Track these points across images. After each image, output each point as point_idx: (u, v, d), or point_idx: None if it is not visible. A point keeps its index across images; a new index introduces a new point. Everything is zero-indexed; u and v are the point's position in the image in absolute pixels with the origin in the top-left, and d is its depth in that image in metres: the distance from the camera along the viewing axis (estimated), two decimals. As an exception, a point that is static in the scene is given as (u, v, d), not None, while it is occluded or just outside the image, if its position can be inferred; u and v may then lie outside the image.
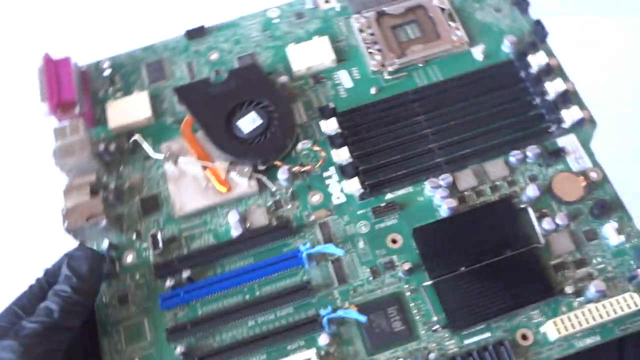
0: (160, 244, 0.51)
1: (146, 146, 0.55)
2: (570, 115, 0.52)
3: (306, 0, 0.61)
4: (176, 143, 0.56)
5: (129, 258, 0.52)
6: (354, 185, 0.51)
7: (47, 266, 0.49)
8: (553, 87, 0.53)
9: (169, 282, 0.50)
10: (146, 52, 0.61)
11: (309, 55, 0.58)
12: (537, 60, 0.54)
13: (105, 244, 0.52)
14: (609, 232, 0.49)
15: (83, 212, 0.50)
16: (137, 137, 0.55)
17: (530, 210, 0.50)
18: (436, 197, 0.51)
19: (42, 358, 0.43)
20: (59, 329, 0.45)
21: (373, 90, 0.56)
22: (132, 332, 0.49)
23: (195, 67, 0.60)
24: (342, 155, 0.52)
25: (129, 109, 0.57)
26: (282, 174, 0.53)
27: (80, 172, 0.54)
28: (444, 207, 0.50)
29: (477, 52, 0.57)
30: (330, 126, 0.53)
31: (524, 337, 0.47)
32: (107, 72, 0.60)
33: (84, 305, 0.47)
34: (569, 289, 0.47)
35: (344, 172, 0.52)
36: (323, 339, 0.47)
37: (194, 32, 0.61)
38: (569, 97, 0.53)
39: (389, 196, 0.52)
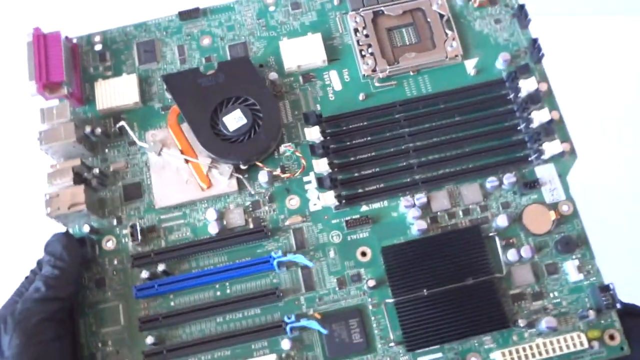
0: (139, 236, 0.53)
1: (132, 133, 0.56)
2: (550, 147, 0.52)
3: (304, -11, 0.60)
4: (161, 132, 0.56)
5: (109, 243, 0.54)
6: (329, 199, 0.52)
7: (39, 257, 0.52)
8: (538, 117, 0.53)
9: (144, 274, 0.52)
10: (138, 29, 0.60)
11: (301, 53, 0.57)
12: (527, 86, 0.53)
13: (86, 228, 0.53)
14: (570, 268, 0.51)
15: (65, 200, 0.52)
16: (123, 124, 0.56)
17: (497, 240, 0.52)
18: (409, 215, 0.53)
19: (36, 327, 0.47)
20: (46, 301, 0.48)
21: (361, 97, 0.56)
22: (107, 315, 0.52)
23: (186, 51, 0.59)
24: (321, 166, 0.53)
25: (118, 92, 0.57)
26: (263, 177, 0.54)
27: (65, 155, 0.55)
28: (415, 228, 0.52)
29: (470, 66, 0.57)
30: (313, 134, 0.54)
31: (474, 361, 0.50)
32: (98, 47, 0.60)
33: (66, 277, 0.50)
34: (521, 322, 0.49)
35: (322, 184, 0.53)
36: (285, 344, 0.50)
37: (187, 13, 0.60)
38: (552, 129, 0.53)
39: (364, 208, 0.54)
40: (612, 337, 0.49)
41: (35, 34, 0.56)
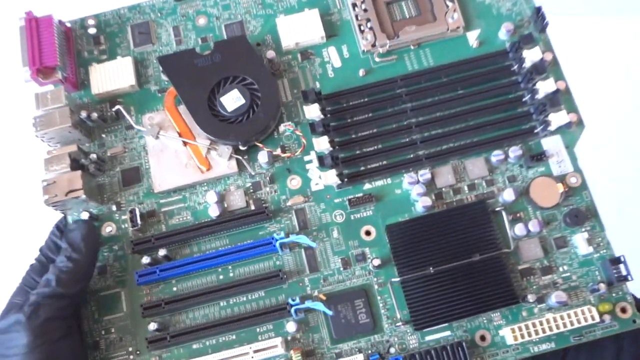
0: (139, 221, 0.52)
1: (129, 117, 0.55)
2: (557, 118, 0.51)
3: (301, -36, 0.58)
4: (159, 115, 0.55)
5: (108, 229, 0.53)
6: (331, 178, 0.51)
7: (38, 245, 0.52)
8: (544, 87, 0.51)
9: (145, 260, 0.51)
10: (132, 11, 0.59)
11: (299, 30, 0.56)
12: (531, 56, 0.52)
13: (84, 215, 0.53)
14: (579, 241, 0.50)
15: (63, 186, 0.51)
16: (119, 107, 0.55)
17: (504, 214, 0.50)
18: (413, 192, 0.51)
19: (44, 326, 0.46)
20: (56, 297, 0.47)
21: (361, 72, 0.55)
22: (109, 303, 0.52)
23: (182, 32, 0.58)
24: (322, 144, 0.52)
25: (113, 75, 0.56)
26: (263, 158, 0.53)
27: (61, 141, 0.54)
28: (419, 205, 0.51)
29: (472, 38, 0.55)
30: (312, 112, 0.53)
31: (483, 338, 0.49)
32: (92, 31, 0.59)
33: (80, 272, 0.49)
34: (531, 298, 0.48)
35: (323, 162, 0.52)
36: (290, 326, 0.49)
37: (182, -6, 0.59)
38: (558, 99, 0.51)
39: (367, 186, 0.53)
40: (624, 310, 0.48)
41: (27, 17, 0.55)
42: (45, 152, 0.53)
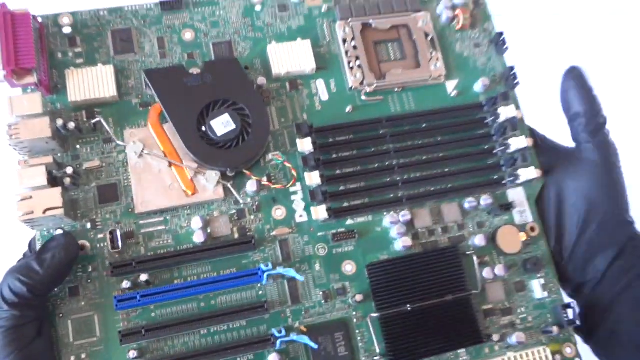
0: (119, 243, 0.50)
1: (111, 132, 0.52)
2: (526, 173, 0.56)
3: (292, -8, 0.59)
4: (141, 131, 0.53)
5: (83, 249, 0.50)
6: (321, 213, 0.52)
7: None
8: (516, 143, 0.56)
9: (125, 284, 0.49)
10: (113, 15, 0.56)
11: (290, 59, 0.56)
12: (506, 113, 0.57)
13: (58, 232, 0.50)
14: (536, 286, 0.55)
15: (40, 203, 0.47)
16: (100, 119, 0.52)
17: (474, 258, 0.55)
18: (393, 231, 0.54)
19: (17, 331, 0.46)
20: (28, 306, 0.47)
21: (349, 109, 0.57)
22: (82, 326, 0.49)
23: (167, 44, 0.56)
24: (314, 179, 0.53)
25: (93, 83, 0.53)
26: (252, 187, 0.53)
27: (34, 151, 0.50)
28: (400, 244, 0.54)
29: (451, 87, 0.59)
30: (305, 146, 0.53)
31: (449, 373, 0.53)
32: (66, 30, 0.55)
33: (53, 278, 0.48)
34: (495, 337, 0.53)
35: (314, 196, 0.53)
36: (273, 358, 0.50)
37: (169, 4, 0.56)
38: (526, 156, 0.56)
39: (349, 222, 0.55)
40: (569, 350, 0.55)
41: (2, 11, 0.50)
42: (14, 159, 0.49)
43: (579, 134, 0.55)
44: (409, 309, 0.52)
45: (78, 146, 0.52)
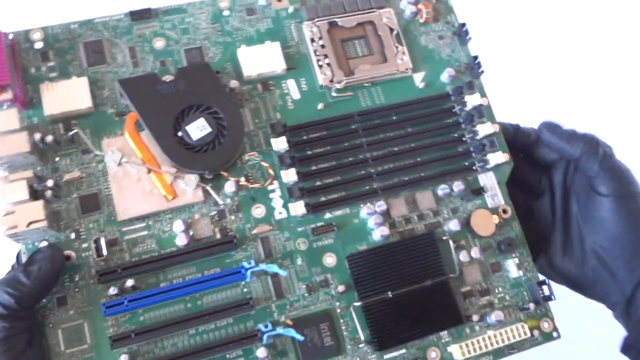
0: (104, 251, 0.51)
1: (89, 142, 0.53)
2: (494, 158, 0.58)
3: (259, -6, 0.60)
4: (118, 140, 0.54)
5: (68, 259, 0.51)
6: (299, 209, 0.54)
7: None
8: (483, 130, 0.58)
9: (112, 290, 0.50)
10: (84, 27, 0.57)
11: (261, 61, 0.58)
12: (472, 101, 0.59)
13: (43, 245, 0.51)
14: (511, 266, 0.57)
15: (23, 217, 0.48)
16: (77, 131, 0.53)
17: (450, 243, 0.57)
18: (370, 221, 0.56)
19: (7, 343, 0.47)
20: (15, 317, 0.48)
21: (320, 106, 0.58)
22: (72, 335, 0.50)
23: (139, 54, 0.57)
24: (290, 176, 0.55)
25: (68, 96, 0.54)
26: (230, 187, 0.54)
27: (13, 166, 0.51)
28: (377, 233, 0.55)
29: (418, 79, 0.61)
30: (280, 145, 0.55)
31: (434, 354, 0.55)
32: (38, 45, 0.56)
33: (39, 289, 0.49)
34: (475, 317, 0.55)
35: (291, 193, 0.54)
36: (261, 352, 0.51)
37: (139, 14, 0.57)
38: (494, 141, 0.58)
39: (327, 215, 0.56)
40: (546, 325, 0.57)
41: (-27, 30, 0.51)
42: (-5, 176, 0.50)
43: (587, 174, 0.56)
44: (390, 295, 0.54)
45: (57, 158, 0.53)
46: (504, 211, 0.59)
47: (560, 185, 0.60)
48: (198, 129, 0.54)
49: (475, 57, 0.61)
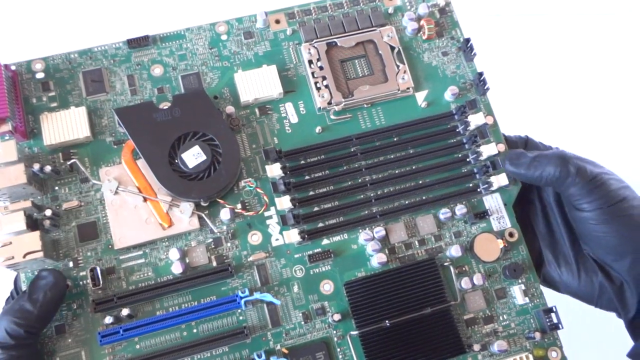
0: (100, 280, 0.52)
1: (86, 172, 0.54)
2: (498, 180, 0.56)
3: (257, 17, 0.59)
4: (116, 169, 0.55)
5: (66, 287, 0.52)
6: (294, 237, 0.53)
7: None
8: (487, 151, 0.56)
9: (108, 319, 0.51)
10: (83, 56, 0.57)
11: (257, 85, 0.57)
12: (475, 120, 0.57)
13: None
14: (517, 292, 0.55)
15: (20, 248, 0.49)
16: (75, 161, 0.54)
17: (452, 269, 0.55)
18: (368, 248, 0.55)
19: None
20: (19, 346, 0.48)
21: (318, 130, 0.57)
22: (69, 363, 0.51)
23: (137, 81, 0.57)
24: (284, 204, 0.54)
25: (67, 126, 0.55)
26: (225, 215, 0.54)
27: (12, 196, 0.52)
28: (375, 260, 0.54)
29: (420, 98, 0.59)
30: (274, 171, 0.54)
31: (433, 384, 0.53)
32: (39, 75, 0.57)
33: (42, 318, 0.49)
34: (476, 347, 0.53)
35: (285, 221, 0.54)
36: (256, 381, 0.51)
37: (136, 41, 0.58)
38: (498, 162, 0.56)
39: (325, 242, 0.55)
40: (554, 354, 0.54)
41: (-27, 65, 0.52)
42: (-4, 207, 0.51)
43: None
44: (387, 324, 0.53)
45: (57, 187, 0.54)
46: (510, 235, 0.57)
47: (551, 204, 0.58)
48: (193, 156, 0.54)
49: (481, 74, 0.59)
